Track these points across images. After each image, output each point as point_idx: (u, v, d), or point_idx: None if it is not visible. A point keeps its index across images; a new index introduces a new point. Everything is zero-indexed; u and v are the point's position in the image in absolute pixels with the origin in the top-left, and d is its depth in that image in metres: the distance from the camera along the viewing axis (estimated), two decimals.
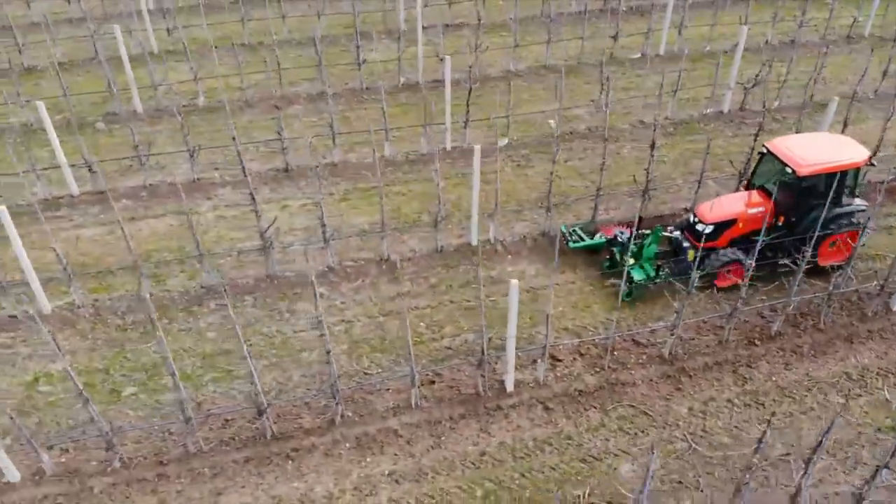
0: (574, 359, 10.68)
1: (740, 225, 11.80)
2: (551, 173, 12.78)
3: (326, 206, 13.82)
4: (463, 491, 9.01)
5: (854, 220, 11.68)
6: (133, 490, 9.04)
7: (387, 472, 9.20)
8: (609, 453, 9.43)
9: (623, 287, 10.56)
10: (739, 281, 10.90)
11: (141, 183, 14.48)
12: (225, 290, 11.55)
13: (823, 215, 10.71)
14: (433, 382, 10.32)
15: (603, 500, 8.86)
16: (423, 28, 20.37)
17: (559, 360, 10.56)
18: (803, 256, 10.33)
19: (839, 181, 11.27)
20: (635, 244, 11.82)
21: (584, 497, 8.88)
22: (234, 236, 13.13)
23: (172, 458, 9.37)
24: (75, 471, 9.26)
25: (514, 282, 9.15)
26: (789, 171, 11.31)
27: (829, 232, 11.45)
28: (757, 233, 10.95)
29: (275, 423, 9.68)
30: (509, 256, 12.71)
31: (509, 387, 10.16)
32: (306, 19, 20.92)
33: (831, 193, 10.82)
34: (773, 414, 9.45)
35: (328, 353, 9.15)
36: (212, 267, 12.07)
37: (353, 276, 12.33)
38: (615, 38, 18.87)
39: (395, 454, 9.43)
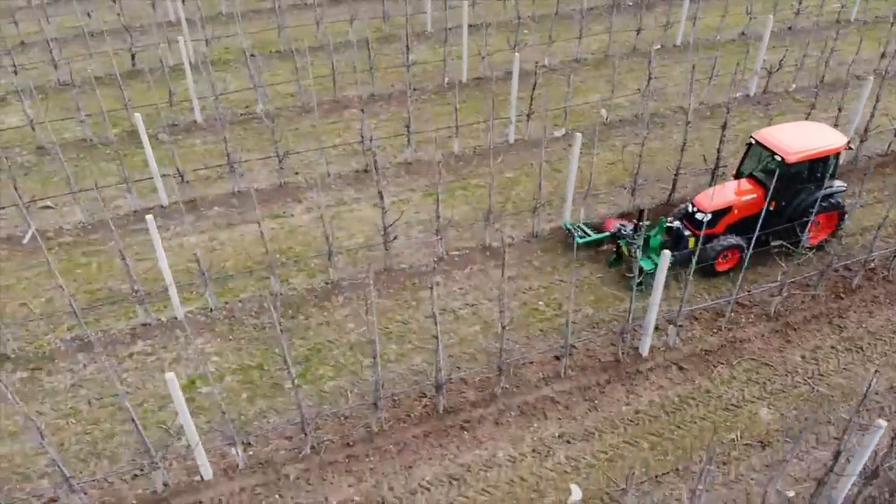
0: (691, 323, 11.80)
1: (735, 212, 12.60)
2: (639, 155, 13.88)
3: (414, 202, 14.62)
4: (631, 445, 9.98)
5: (834, 200, 12.68)
6: (328, 472, 9.62)
7: (556, 435, 10.08)
8: (746, 401, 10.56)
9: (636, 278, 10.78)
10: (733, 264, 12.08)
11: (228, 190, 14.84)
12: (352, 284, 12.18)
13: (812, 197, 11.91)
14: (571, 354, 11.24)
15: (754, 440, 10.00)
16: (449, 29, 21.30)
17: (680, 326, 11.62)
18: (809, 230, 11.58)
19: (822, 165, 12.39)
20: (639, 236, 12.27)
21: (738, 439, 9.99)
22: (338, 235, 13.66)
23: (357, 440, 10.00)
24: (266, 461, 9.77)
25: (666, 252, 10.15)
26: (778, 158, 12.17)
27: (821, 210, 12.42)
28: (747, 218, 12.13)
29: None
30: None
31: (644, 352, 11.18)
32: (332, 25, 21.42)
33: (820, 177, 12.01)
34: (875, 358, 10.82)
35: (503, 327, 9.94)
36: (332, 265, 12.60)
37: (462, 264, 13.11)
38: (638, 31, 20.15)
39: (559, 418, 10.31)
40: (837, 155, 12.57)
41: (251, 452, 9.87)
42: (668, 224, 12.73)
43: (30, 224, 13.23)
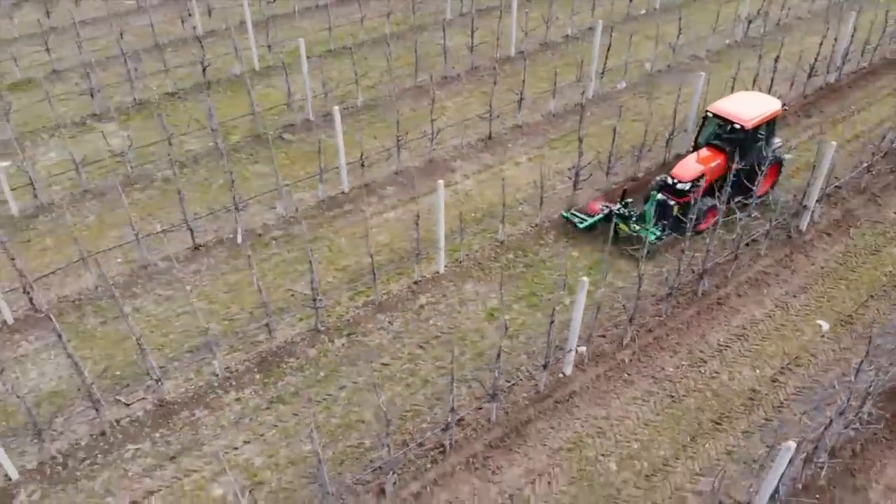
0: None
1: (707, 177, 14.16)
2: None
3: (546, 155, 16.86)
4: None
5: (776, 154, 14.83)
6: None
7: None
8: None
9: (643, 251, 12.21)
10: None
11: (390, 172, 16.28)
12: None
13: (763, 155, 14.04)
14: None
15: None
16: (461, 15, 23.60)
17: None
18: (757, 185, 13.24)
19: (769, 127, 14.42)
20: (632, 212, 13.90)
21: None
22: (507, 190, 15.67)
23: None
24: (601, 354, 11.92)
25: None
26: (738, 126, 13.92)
27: (773, 162, 14.47)
28: (714, 182, 14.08)
29: None
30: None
31: (803, 227, 14.59)
32: (347, 27, 22.81)
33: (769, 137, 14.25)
34: None
35: None
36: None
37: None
38: None
39: None
40: (776, 117, 14.69)
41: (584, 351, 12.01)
42: (659, 199, 13.99)
43: (236, 228, 14.15)
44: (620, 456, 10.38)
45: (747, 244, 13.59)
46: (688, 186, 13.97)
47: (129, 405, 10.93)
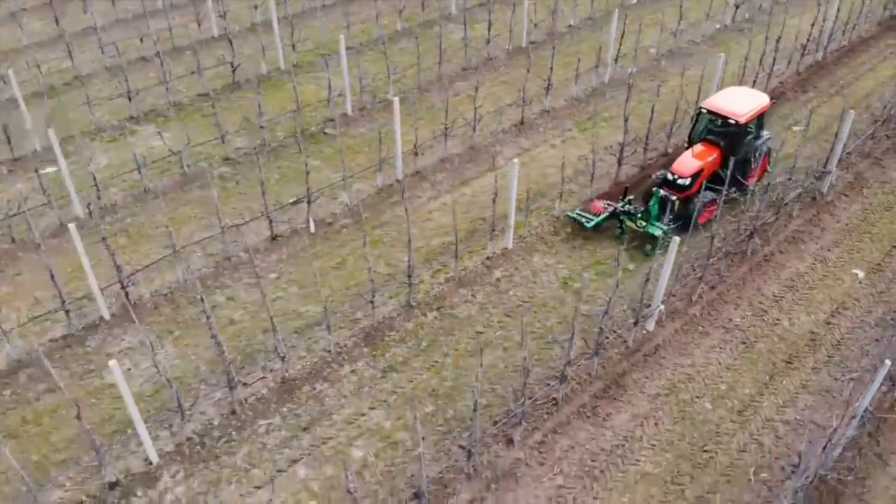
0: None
1: (705, 172, 14.73)
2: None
3: (576, 136, 17.95)
4: None
5: (766, 146, 15.49)
6: None
7: None
8: None
9: (647, 245, 13.85)
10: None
11: (436, 159, 17.09)
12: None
13: (754, 147, 14.77)
14: None
15: None
16: (467, 9, 24.53)
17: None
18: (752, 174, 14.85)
19: (759, 120, 15.07)
20: (637, 209, 14.32)
21: None
22: (551, 170, 16.68)
23: None
24: (674, 311, 13.05)
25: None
26: (732, 121, 14.39)
27: (763, 154, 15.29)
28: (711, 175, 14.70)
29: None
30: None
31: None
32: (363, 25, 23.49)
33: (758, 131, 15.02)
34: None
35: None
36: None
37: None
38: None
39: None
40: (765, 111, 15.40)
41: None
42: (662, 196, 14.38)
43: (309, 219, 14.80)
44: (712, 396, 11.54)
45: (785, 204, 14.90)
46: (688, 182, 14.49)
47: (250, 385, 11.50)
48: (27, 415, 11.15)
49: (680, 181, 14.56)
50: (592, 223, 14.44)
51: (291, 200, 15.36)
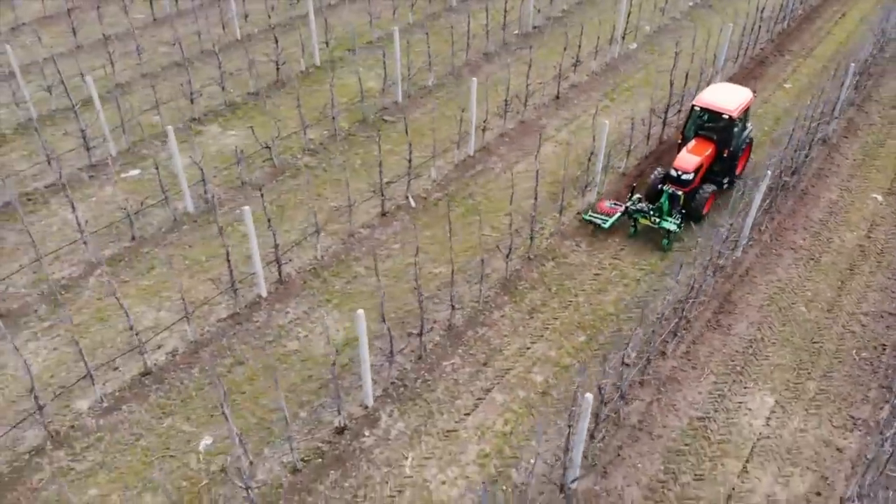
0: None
1: (704, 166, 15.66)
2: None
3: (605, 105, 20.10)
4: None
5: (750, 136, 16.64)
6: None
7: None
8: None
9: (664, 240, 14.79)
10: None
11: (494, 136, 18.76)
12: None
13: (741, 139, 15.95)
14: None
15: None
16: (463, 1, 26.23)
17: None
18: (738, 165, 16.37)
19: (745, 113, 16.00)
20: (649, 207, 14.99)
21: None
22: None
23: None
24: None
25: None
26: (726, 116, 15.26)
27: (748, 144, 16.54)
28: (708, 168, 15.76)
29: None
30: None
31: None
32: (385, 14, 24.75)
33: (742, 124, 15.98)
34: None
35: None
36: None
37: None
38: None
39: None
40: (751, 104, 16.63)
41: None
42: (672, 192, 15.23)
43: (407, 196, 16.21)
44: (804, 301, 13.92)
45: (810, 147, 17.50)
46: (692, 176, 15.32)
47: (426, 333, 12.83)
48: (234, 385, 12.08)
49: (684, 177, 15.29)
50: (608, 223, 15.05)
51: (388, 180, 16.66)
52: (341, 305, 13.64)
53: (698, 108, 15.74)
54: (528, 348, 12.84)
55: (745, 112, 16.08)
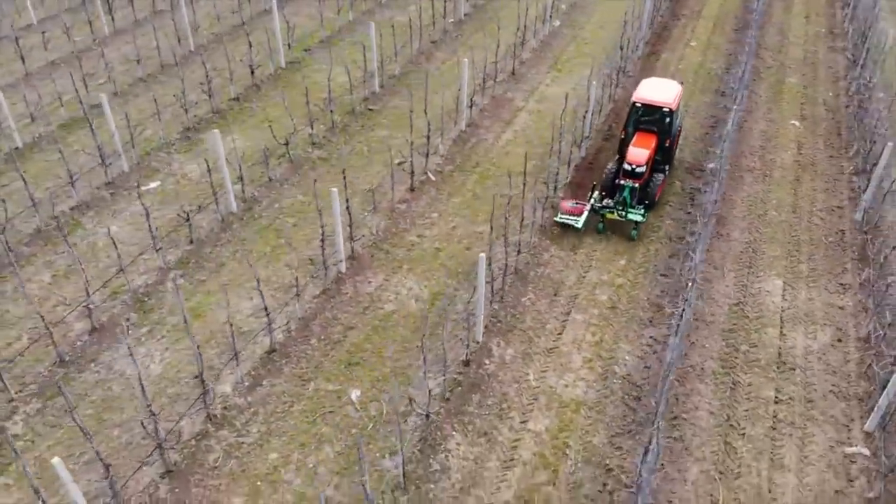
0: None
1: (651, 157, 16.47)
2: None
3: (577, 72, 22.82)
4: None
5: (680, 124, 17.79)
6: None
7: None
8: None
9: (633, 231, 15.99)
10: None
11: (480, 106, 20.82)
12: None
13: (676, 127, 17.00)
14: None
15: None
16: None
17: None
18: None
19: (679, 103, 17.08)
20: (611, 202, 15.95)
21: None
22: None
23: None
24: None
25: None
26: (666, 110, 16.26)
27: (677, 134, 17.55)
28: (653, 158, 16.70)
29: None
30: None
31: None
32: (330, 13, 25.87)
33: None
34: None
35: None
36: None
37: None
38: None
39: None
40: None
41: None
42: (632, 186, 16.05)
43: (426, 171, 17.98)
44: (773, 208, 17.27)
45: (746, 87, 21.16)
46: (644, 168, 16.17)
47: (494, 280, 14.75)
48: (353, 346, 13.43)
49: (638, 169, 16.12)
50: (580, 223, 16.02)
51: (398, 161, 18.28)
52: (413, 270, 15.26)
53: (639, 105, 16.58)
54: (584, 276, 15.16)
55: (680, 103, 17.30)
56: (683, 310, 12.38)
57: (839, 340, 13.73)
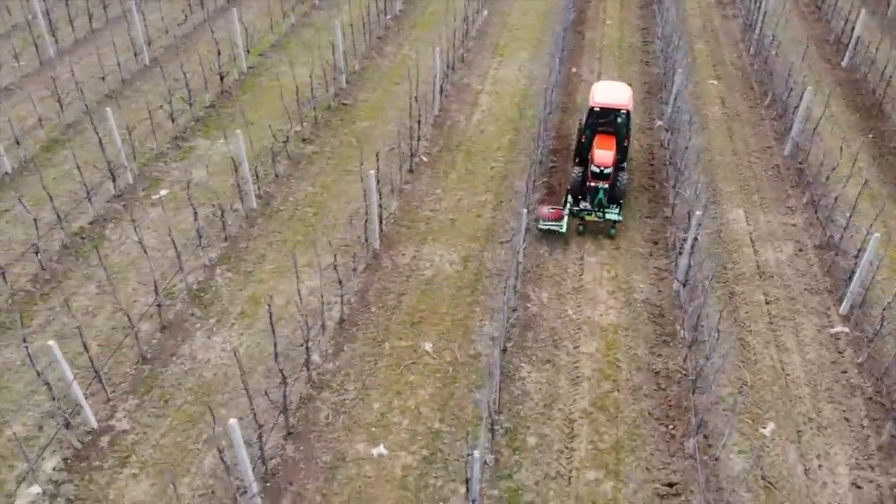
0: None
1: (616, 157, 16.96)
2: None
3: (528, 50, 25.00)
4: None
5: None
6: None
7: None
8: None
9: (612, 230, 16.81)
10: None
11: (445, 94, 22.55)
12: None
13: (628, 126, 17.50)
14: None
15: None
16: None
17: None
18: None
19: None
20: (588, 205, 16.78)
21: None
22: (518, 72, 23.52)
23: None
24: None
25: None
26: (623, 112, 16.92)
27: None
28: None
29: None
30: None
31: None
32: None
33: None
34: None
35: None
36: None
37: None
38: None
39: None
40: None
41: None
42: (603, 188, 16.76)
43: (419, 154, 19.60)
44: (717, 153, 20.26)
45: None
46: (611, 169, 16.79)
47: (508, 242, 16.71)
48: (411, 308, 14.95)
49: (606, 171, 16.68)
50: (563, 227, 16.68)
51: (390, 147, 19.80)
52: (437, 240, 16.94)
53: (598, 109, 17.18)
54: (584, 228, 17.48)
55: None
56: (696, 237, 14.69)
57: (800, 250, 16.79)
